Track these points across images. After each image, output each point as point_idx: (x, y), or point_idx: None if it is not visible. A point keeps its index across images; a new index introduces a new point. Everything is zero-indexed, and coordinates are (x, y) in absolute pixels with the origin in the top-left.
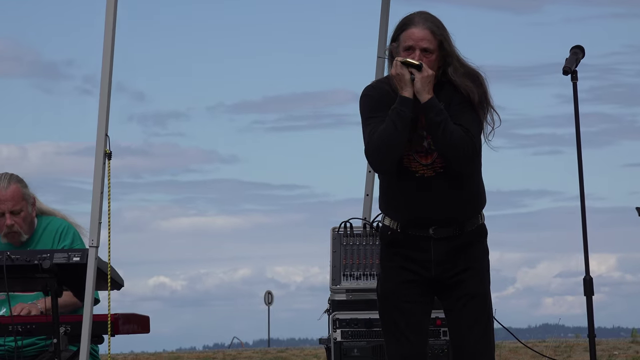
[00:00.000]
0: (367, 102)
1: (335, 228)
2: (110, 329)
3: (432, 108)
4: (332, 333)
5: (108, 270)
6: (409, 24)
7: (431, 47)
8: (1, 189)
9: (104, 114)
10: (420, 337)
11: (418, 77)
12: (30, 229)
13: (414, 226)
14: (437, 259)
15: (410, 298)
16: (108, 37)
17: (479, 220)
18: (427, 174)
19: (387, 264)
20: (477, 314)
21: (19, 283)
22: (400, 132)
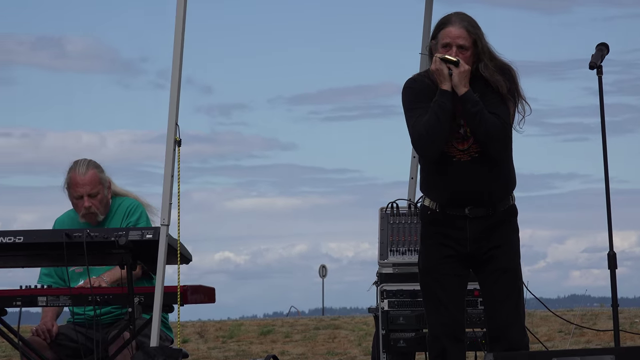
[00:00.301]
0: (409, 94)
1: (383, 208)
2: (180, 299)
3: (468, 100)
4: (380, 303)
5: (177, 246)
6: (446, 23)
7: (466, 45)
8: (80, 174)
9: (174, 105)
10: (458, 307)
11: (455, 72)
12: (105, 210)
13: (451, 206)
14: (472, 236)
15: (449, 272)
16: (178, 36)
17: (510, 201)
18: (463, 158)
19: (427, 241)
20: (508, 287)
21: (97, 258)
22: (442, 123)
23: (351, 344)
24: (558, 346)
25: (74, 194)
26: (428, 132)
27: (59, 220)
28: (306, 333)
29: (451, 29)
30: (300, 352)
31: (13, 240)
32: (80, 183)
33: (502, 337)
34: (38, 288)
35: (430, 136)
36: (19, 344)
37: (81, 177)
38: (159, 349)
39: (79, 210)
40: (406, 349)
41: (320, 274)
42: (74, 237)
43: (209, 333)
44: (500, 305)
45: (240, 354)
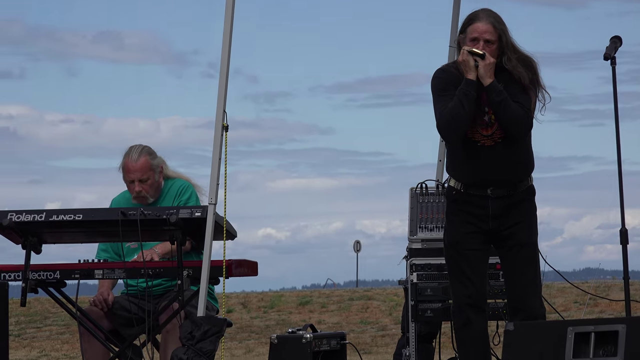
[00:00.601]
0: (438, 83)
1: (413, 188)
2: (225, 272)
3: (493, 90)
4: (410, 276)
5: (224, 224)
6: (474, 19)
7: (492, 39)
8: (132, 161)
9: (222, 93)
10: (481, 279)
11: (481, 65)
12: (156, 193)
13: (474, 187)
14: (494, 213)
15: (472, 247)
16: (227, 30)
17: (529, 182)
18: (487, 143)
19: (452, 218)
20: (526, 261)
21: (149, 234)
22: (467, 109)
23: (382, 314)
24: (573, 316)
25: (126, 178)
26: (453, 118)
27: (115, 200)
28: (341, 304)
29: (479, 25)
30: (336, 321)
31: (73, 218)
32: (132, 169)
33: (520, 307)
34: (95, 262)
35: (455, 122)
36: (76, 313)
37: (133, 164)
38: (205, 318)
39: (132, 192)
40: (433, 318)
41: (355, 249)
42: (128, 214)
43: (252, 303)
44: (519, 277)
45: (280, 322)
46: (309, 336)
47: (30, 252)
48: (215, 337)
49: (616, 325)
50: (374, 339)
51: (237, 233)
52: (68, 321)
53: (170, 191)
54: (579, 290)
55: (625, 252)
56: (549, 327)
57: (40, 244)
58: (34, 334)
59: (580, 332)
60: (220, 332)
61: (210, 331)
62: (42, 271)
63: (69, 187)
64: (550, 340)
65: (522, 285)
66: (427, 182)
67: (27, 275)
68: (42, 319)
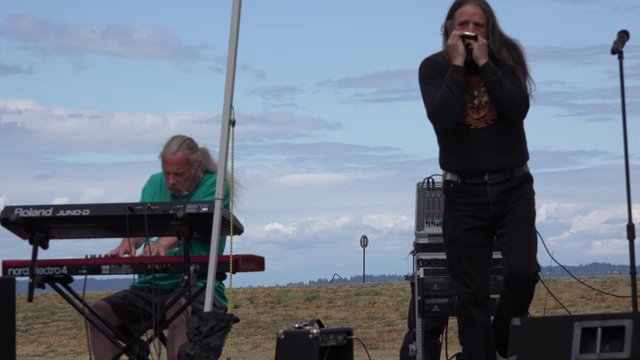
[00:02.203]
0: (425, 72)
1: (420, 183)
2: (232, 267)
3: (488, 69)
4: (416, 271)
5: (231, 218)
6: (463, 2)
7: (481, 22)
8: (170, 154)
9: (230, 87)
10: (483, 275)
11: (475, 46)
12: (191, 186)
13: (471, 175)
14: (494, 199)
15: (475, 242)
16: (234, 24)
17: (525, 169)
18: (479, 126)
19: (453, 213)
20: (522, 231)
21: (156, 229)
22: (456, 95)
23: (389, 309)
24: (580, 311)
25: (163, 169)
26: (444, 105)
27: (154, 177)
28: (348, 299)
29: (468, 7)
30: (343, 317)
31: (80, 213)
32: (169, 162)
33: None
34: (102, 257)
35: (446, 108)
36: (84, 309)
37: (170, 157)
38: (212, 313)
39: (167, 182)
40: (440, 313)
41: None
42: (135, 210)
43: (259, 299)
44: (515, 244)
45: (287, 318)
46: (315, 331)
47: (37, 248)
48: (222, 333)
49: (623, 320)
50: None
51: (245, 228)
52: (75, 316)
53: (205, 185)
54: (585, 285)
55: (632, 247)
56: (556, 322)
57: (47, 239)
58: (41, 330)
59: (587, 327)
60: (227, 327)
61: (217, 327)
62: (49, 266)
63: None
64: (557, 335)
65: (519, 252)
66: (433, 177)
67: (34, 271)
68: (49, 314)
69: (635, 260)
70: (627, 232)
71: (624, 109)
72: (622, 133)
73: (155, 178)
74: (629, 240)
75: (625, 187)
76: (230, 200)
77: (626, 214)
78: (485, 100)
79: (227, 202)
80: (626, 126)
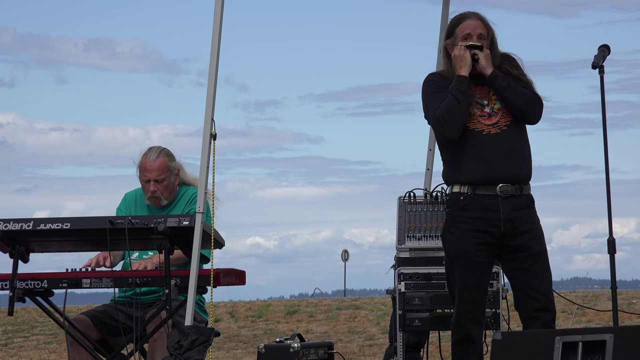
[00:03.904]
0: (431, 85)
1: (401, 197)
2: (213, 281)
3: (497, 76)
4: (397, 285)
5: (212, 232)
6: (463, 18)
7: (484, 34)
8: (150, 161)
9: (211, 101)
10: (484, 293)
11: (482, 55)
12: (170, 196)
13: (483, 185)
14: (505, 217)
15: (482, 259)
16: (215, 37)
17: (529, 188)
18: (492, 131)
19: (462, 227)
20: (545, 268)
21: (137, 243)
22: (462, 104)
23: (370, 323)
24: (561, 325)
25: (142, 177)
26: (449, 113)
27: (128, 195)
28: (329, 313)
29: (470, 22)
30: (323, 331)
31: (61, 227)
32: (149, 169)
33: (542, 315)
34: (83, 271)
35: (451, 116)
36: (64, 323)
37: (150, 164)
38: (193, 327)
39: (146, 192)
40: (421, 327)
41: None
42: (116, 223)
43: (240, 313)
44: (543, 284)
45: (268, 332)
46: (296, 345)
47: (18, 261)
48: (202, 347)
49: (604, 335)
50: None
51: (225, 242)
52: (55, 330)
53: (184, 197)
54: (566, 299)
55: (613, 262)
56: (537, 336)
57: (27, 252)
58: (22, 344)
59: (567, 341)
60: (207, 341)
61: (197, 340)
62: (29, 280)
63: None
64: (538, 350)
65: (544, 294)
66: (415, 191)
67: (15, 285)
68: (30, 328)
69: (616, 274)
70: (608, 246)
71: (604, 123)
72: (603, 148)
73: (129, 196)
74: (609, 254)
75: (606, 201)
76: (211, 213)
77: (607, 229)
78: (498, 107)
79: (208, 215)
80: (607, 141)
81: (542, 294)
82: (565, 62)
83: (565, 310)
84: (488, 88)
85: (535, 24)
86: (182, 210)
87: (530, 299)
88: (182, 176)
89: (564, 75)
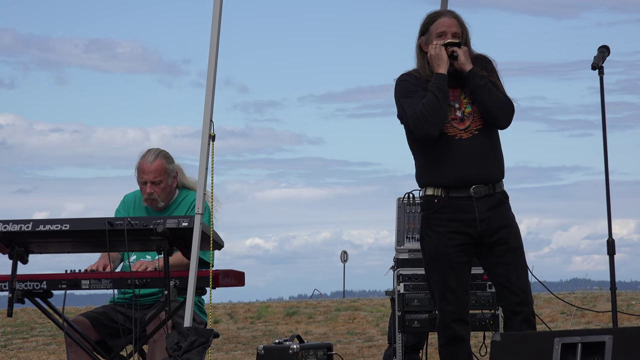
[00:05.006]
0: (405, 85)
1: (400, 198)
2: (212, 282)
3: (475, 75)
4: (397, 286)
5: (210, 234)
6: (437, 16)
7: (459, 32)
8: (148, 162)
9: (210, 102)
10: (465, 292)
11: (461, 52)
12: (168, 198)
13: (456, 188)
14: (481, 217)
15: (461, 259)
16: (214, 38)
17: (502, 186)
18: (464, 136)
19: (438, 230)
20: (522, 263)
21: (137, 244)
22: (441, 102)
23: (369, 325)
24: (560, 327)
25: (140, 179)
26: (429, 112)
27: (127, 197)
28: (328, 314)
29: (444, 19)
30: (322, 332)
31: (60, 228)
32: (146, 170)
33: (521, 310)
34: (82, 272)
35: (432, 115)
36: (63, 324)
37: (148, 165)
38: (192, 329)
39: (143, 194)
40: (420, 329)
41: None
42: (115, 225)
43: (239, 314)
44: (517, 280)
45: (267, 333)
46: (295, 347)
47: (17, 262)
48: (201, 348)
49: (603, 336)
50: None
51: (225, 243)
52: (55, 332)
53: (184, 202)
54: (564, 302)
55: (612, 263)
56: (536, 337)
57: (27, 254)
58: (20, 345)
59: (567, 342)
60: (206, 342)
61: (196, 342)
62: (28, 281)
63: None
64: (537, 351)
65: (522, 289)
66: (414, 192)
67: (14, 286)
68: (29, 329)
69: (615, 276)
70: (607, 247)
71: (604, 124)
72: (603, 149)
73: (128, 198)
74: (609, 256)
75: (606, 202)
76: (210, 215)
77: (606, 230)
78: (469, 111)
79: (208, 217)
80: (607, 142)
81: (521, 288)
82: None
83: (565, 312)
84: (459, 91)
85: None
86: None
87: (511, 293)
88: (181, 179)
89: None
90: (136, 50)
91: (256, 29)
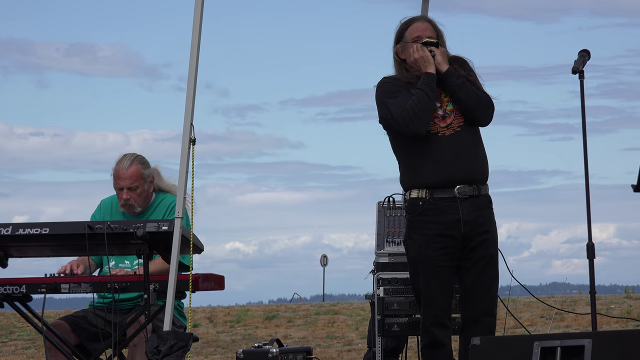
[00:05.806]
0: (388, 86)
1: (381, 202)
2: (191, 286)
3: (452, 74)
4: (376, 290)
5: (190, 237)
6: (411, 22)
7: (433, 36)
8: (123, 168)
9: (190, 106)
10: (448, 297)
11: (438, 52)
12: (145, 203)
13: (440, 189)
14: (465, 218)
15: (445, 263)
16: (194, 42)
17: (487, 189)
18: (447, 133)
19: (423, 232)
20: (493, 275)
21: (117, 248)
22: (431, 99)
23: (349, 328)
24: (540, 330)
25: (116, 185)
26: (420, 109)
27: (103, 202)
28: (307, 318)
29: (418, 24)
30: (302, 336)
31: (39, 232)
32: (122, 176)
33: (489, 318)
34: (61, 276)
35: (422, 112)
36: (43, 328)
37: (123, 171)
38: (172, 332)
39: (120, 200)
40: (400, 332)
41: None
42: (95, 228)
43: (218, 318)
44: (493, 285)
45: (246, 337)
46: (275, 351)
47: None
48: (181, 352)
49: (582, 339)
50: (340, 354)
51: (205, 247)
52: (34, 336)
53: (161, 205)
54: (545, 304)
55: (591, 267)
56: (516, 341)
57: (6, 257)
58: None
59: (546, 346)
60: (186, 346)
61: (176, 346)
62: (8, 285)
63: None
64: (517, 355)
65: (490, 298)
66: (394, 196)
67: None
68: (7, 333)
69: (595, 279)
70: (587, 251)
71: (584, 128)
72: (583, 153)
73: (105, 203)
74: (588, 259)
75: (585, 206)
76: (190, 219)
77: (586, 234)
78: (450, 109)
79: (187, 220)
80: (587, 146)
81: (489, 298)
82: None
83: (544, 316)
84: (439, 90)
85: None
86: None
87: (478, 301)
88: (157, 182)
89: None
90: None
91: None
